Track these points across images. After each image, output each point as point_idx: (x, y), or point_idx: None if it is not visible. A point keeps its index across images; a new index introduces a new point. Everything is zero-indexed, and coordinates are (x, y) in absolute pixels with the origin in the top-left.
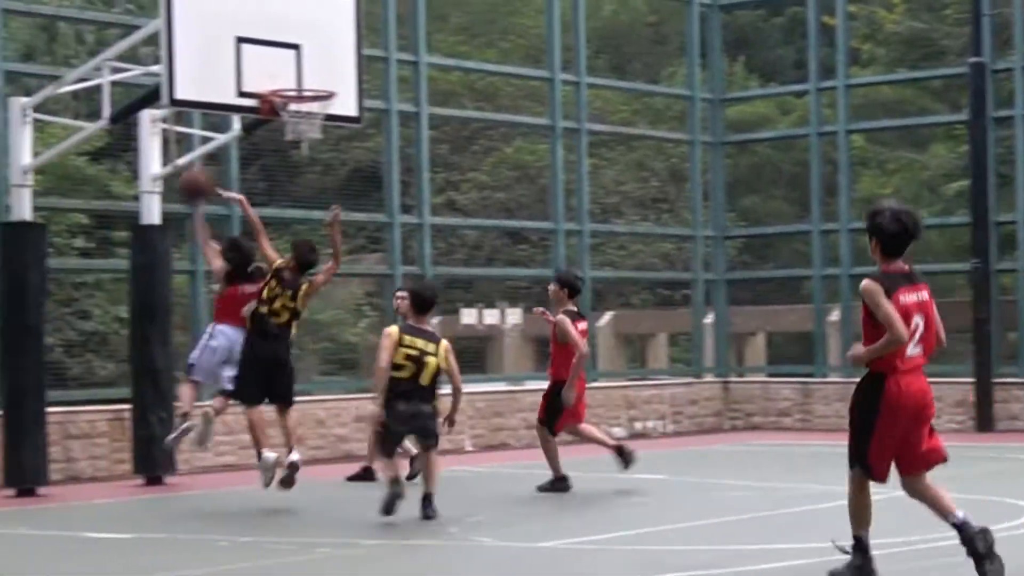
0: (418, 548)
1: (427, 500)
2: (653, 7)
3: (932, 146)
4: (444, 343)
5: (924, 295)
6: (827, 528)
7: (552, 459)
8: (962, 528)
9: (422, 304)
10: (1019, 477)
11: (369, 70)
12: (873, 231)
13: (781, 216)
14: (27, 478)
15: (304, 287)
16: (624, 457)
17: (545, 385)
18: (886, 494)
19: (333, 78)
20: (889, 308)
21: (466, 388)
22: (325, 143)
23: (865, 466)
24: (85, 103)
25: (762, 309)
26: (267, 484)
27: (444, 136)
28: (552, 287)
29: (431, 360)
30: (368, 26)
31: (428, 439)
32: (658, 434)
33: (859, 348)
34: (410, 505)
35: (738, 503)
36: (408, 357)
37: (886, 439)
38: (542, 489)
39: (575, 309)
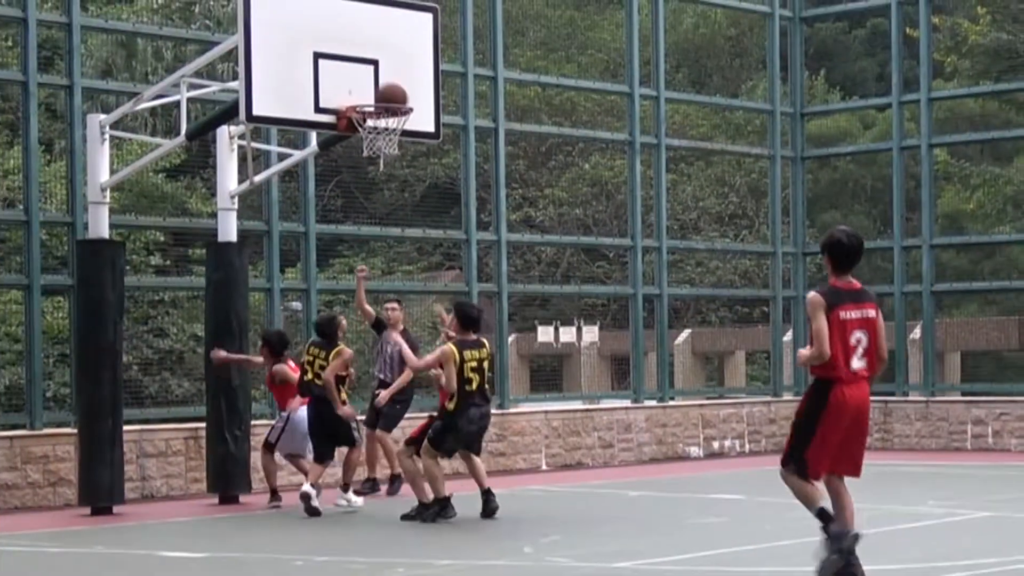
0: (492, 568)
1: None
2: (733, 20)
3: (1017, 160)
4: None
5: (870, 313)
6: (908, 548)
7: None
8: (834, 536)
9: (468, 320)
10: None
11: (447, 85)
12: (827, 248)
13: (862, 231)
14: (102, 497)
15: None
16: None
17: (616, 404)
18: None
19: (411, 93)
20: (822, 324)
21: (541, 406)
22: (402, 159)
23: (802, 461)
24: (162, 120)
25: None
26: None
27: (521, 152)
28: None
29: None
30: (446, 41)
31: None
32: (735, 453)
33: (803, 352)
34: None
35: (816, 524)
36: (472, 369)
37: (826, 440)
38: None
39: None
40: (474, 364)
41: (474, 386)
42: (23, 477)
